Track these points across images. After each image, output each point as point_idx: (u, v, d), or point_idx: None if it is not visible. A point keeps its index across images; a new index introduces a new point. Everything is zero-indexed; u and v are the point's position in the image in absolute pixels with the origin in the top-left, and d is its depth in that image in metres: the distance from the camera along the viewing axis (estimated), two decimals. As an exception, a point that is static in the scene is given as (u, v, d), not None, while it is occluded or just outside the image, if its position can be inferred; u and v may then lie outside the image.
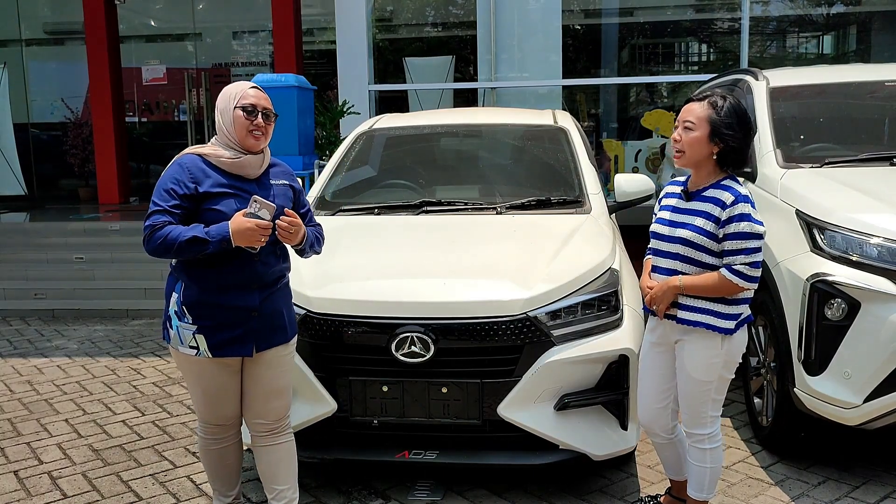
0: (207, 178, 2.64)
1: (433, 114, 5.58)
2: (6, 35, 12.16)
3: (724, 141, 2.62)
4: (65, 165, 11.67)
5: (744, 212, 2.59)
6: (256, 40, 12.50)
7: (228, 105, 2.69)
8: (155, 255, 2.61)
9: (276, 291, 2.77)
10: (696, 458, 2.84)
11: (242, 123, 2.67)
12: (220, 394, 2.80)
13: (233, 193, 2.66)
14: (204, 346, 2.67)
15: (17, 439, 4.11)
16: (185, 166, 2.66)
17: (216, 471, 3.00)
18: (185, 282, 2.67)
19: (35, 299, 7.20)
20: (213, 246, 2.53)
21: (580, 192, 4.15)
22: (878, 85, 4.62)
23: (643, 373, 2.96)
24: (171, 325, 2.72)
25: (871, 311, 3.08)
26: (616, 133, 10.57)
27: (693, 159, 2.68)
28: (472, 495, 3.33)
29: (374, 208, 4.11)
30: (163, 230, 2.55)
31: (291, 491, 2.94)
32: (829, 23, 10.65)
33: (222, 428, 2.91)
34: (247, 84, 2.77)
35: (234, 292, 2.65)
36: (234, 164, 2.68)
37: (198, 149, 2.72)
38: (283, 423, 2.91)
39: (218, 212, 2.62)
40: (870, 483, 3.40)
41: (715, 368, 2.70)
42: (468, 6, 10.27)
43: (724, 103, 2.64)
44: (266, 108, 2.72)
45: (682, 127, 2.69)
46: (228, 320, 2.66)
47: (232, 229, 2.54)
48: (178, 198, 2.60)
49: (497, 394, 3.05)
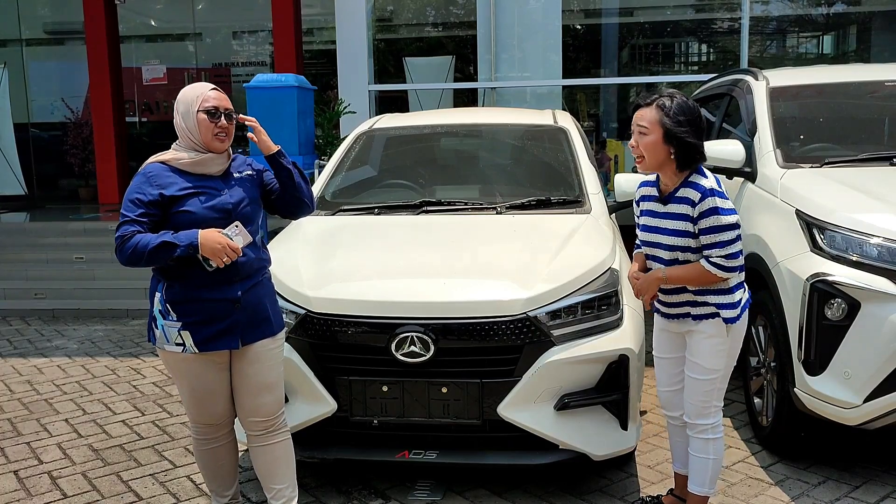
0: (172, 184, 2.68)
1: (433, 114, 5.58)
2: (6, 35, 12.16)
3: (679, 140, 2.66)
4: (65, 165, 11.68)
5: (712, 206, 2.64)
6: (256, 40, 12.50)
7: (190, 108, 2.73)
8: (128, 265, 2.64)
9: (258, 284, 2.80)
10: (698, 450, 2.87)
11: (207, 127, 2.71)
12: (209, 392, 2.81)
13: (198, 192, 2.70)
14: (190, 342, 2.69)
15: (17, 439, 4.11)
16: (148, 175, 2.70)
17: (211, 471, 3.01)
18: (166, 281, 2.72)
19: (35, 299, 7.20)
20: (180, 249, 2.57)
21: (580, 192, 4.15)
22: (878, 85, 4.62)
23: (657, 357, 3.03)
24: (156, 325, 2.75)
25: (871, 311, 3.08)
26: (616, 133, 10.57)
27: (654, 163, 2.73)
28: (472, 495, 3.33)
29: (374, 208, 4.11)
30: (132, 240, 2.59)
31: (290, 490, 2.95)
32: (829, 23, 10.65)
33: (213, 427, 2.92)
34: (206, 86, 2.80)
35: (216, 286, 2.68)
36: (195, 163, 2.73)
37: (160, 156, 2.76)
38: (277, 420, 2.91)
39: (186, 212, 2.66)
40: (870, 483, 3.40)
41: (722, 356, 2.78)
42: (468, 6, 10.27)
43: (672, 103, 2.68)
44: (227, 108, 2.76)
45: (636, 132, 2.74)
46: (212, 314, 2.69)
47: (201, 238, 2.58)
48: (145, 206, 2.64)
49: (497, 394, 3.05)
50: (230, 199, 2.74)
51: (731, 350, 2.81)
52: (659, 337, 3.01)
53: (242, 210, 2.75)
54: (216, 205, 2.70)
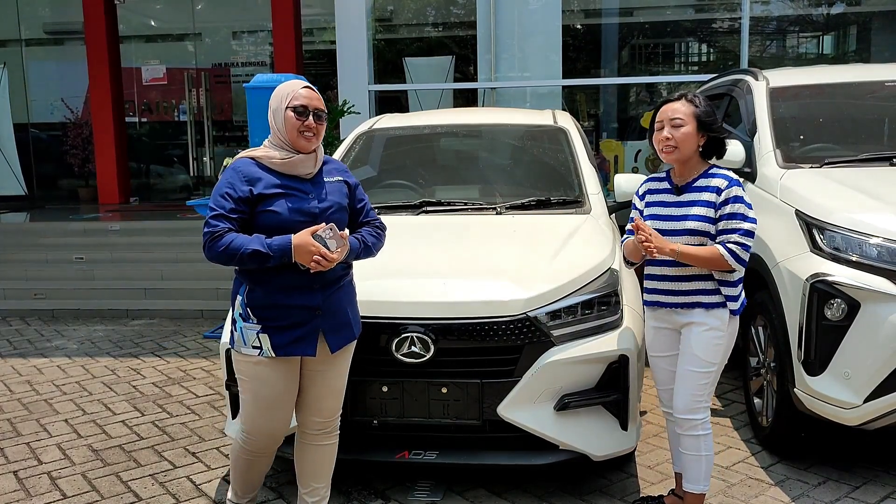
0: (261, 180, 2.64)
1: (433, 114, 5.57)
2: (6, 35, 12.16)
3: (712, 131, 2.84)
4: (65, 165, 11.68)
5: (738, 194, 2.80)
6: (256, 40, 12.49)
7: (280, 106, 2.68)
8: (216, 262, 2.60)
9: (339, 290, 2.76)
10: (690, 447, 2.91)
11: (293, 124, 2.66)
12: (274, 401, 2.75)
13: (286, 193, 2.65)
14: (267, 346, 2.66)
15: (17, 439, 4.11)
16: (238, 170, 2.66)
17: (242, 475, 2.96)
18: (248, 284, 2.68)
19: (35, 299, 7.20)
20: (274, 260, 2.54)
21: (580, 193, 4.16)
22: (878, 85, 4.62)
23: (653, 357, 3.05)
24: (235, 327, 2.72)
25: (871, 311, 3.08)
26: (616, 133, 10.57)
27: (687, 153, 2.85)
28: (472, 495, 3.33)
29: (373, 208, 4.10)
30: (224, 238, 2.54)
31: (325, 489, 2.97)
32: (829, 23, 10.64)
33: (267, 444, 2.84)
34: (299, 83, 2.75)
35: (297, 292, 2.65)
36: (285, 163, 2.68)
37: (251, 152, 2.73)
38: (335, 422, 2.90)
39: (272, 213, 2.62)
40: (870, 483, 3.40)
41: (720, 350, 2.83)
42: (468, 6, 10.27)
43: (699, 99, 2.87)
44: (318, 108, 2.71)
45: (670, 126, 2.84)
46: (292, 320, 2.66)
47: (294, 243, 2.54)
48: (234, 201, 2.60)
49: (497, 394, 3.05)
50: (318, 204, 2.69)
51: (728, 345, 2.86)
52: (654, 336, 3.02)
53: (330, 216, 2.69)
54: (303, 208, 2.65)
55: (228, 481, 3.52)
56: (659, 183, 2.97)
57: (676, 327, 2.92)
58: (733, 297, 2.83)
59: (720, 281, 2.81)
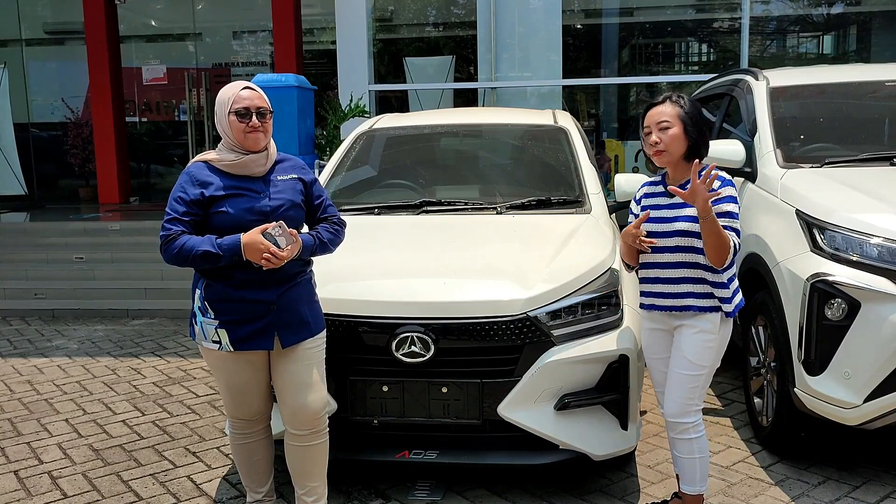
0: (212, 184, 2.71)
1: (433, 114, 5.57)
2: (6, 35, 12.16)
3: (697, 131, 2.82)
4: (65, 165, 11.68)
5: (731, 194, 2.78)
6: (256, 40, 12.50)
7: (223, 111, 2.75)
8: (172, 263, 2.70)
9: (296, 286, 2.79)
10: (684, 451, 2.91)
11: (238, 127, 2.72)
12: (245, 389, 2.86)
13: (237, 194, 2.71)
14: (226, 341, 2.73)
15: (17, 439, 4.11)
16: (191, 174, 2.74)
17: (246, 467, 3.04)
18: (206, 279, 2.75)
19: (35, 299, 7.20)
20: (225, 259, 2.61)
21: (580, 192, 4.16)
22: (878, 85, 4.62)
23: (650, 359, 3.05)
24: (195, 321, 2.79)
25: (872, 311, 3.08)
26: (616, 133, 10.57)
27: (676, 155, 2.84)
28: (472, 495, 3.33)
29: (374, 208, 4.11)
30: (177, 241, 2.63)
31: (321, 487, 2.98)
32: (829, 23, 10.64)
33: (249, 423, 2.97)
34: (238, 85, 2.79)
35: (253, 287, 2.70)
36: (236, 164, 2.74)
37: (204, 156, 2.80)
38: (321, 421, 2.90)
39: (224, 213, 2.68)
40: (870, 483, 3.40)
41: (710, 353, 2.83)
42: (468, 6, 10.27)
43: (684, 101, 2.86)
44: (260, 106, 2.75)
45: (658, 129, 2.84)
46: (248, 315, 2.71)
47: (244, 242, 2.60)
48: (186, 205, 2.68)
49: (497, 394, 3.05)
50: (269, 203, 2.74)
51: (719, 347, 2.85)
52: (649, 338, 3.02)
53: (282, 214, 2.73)
54: (254, 207, 2.70)
55: (229, 481, 3.55)
56: (654, 186, 2.98)
57: (671, 329, 2.92)
58: (727, 298, 2.81)
59: (712, 283, 2.79)
